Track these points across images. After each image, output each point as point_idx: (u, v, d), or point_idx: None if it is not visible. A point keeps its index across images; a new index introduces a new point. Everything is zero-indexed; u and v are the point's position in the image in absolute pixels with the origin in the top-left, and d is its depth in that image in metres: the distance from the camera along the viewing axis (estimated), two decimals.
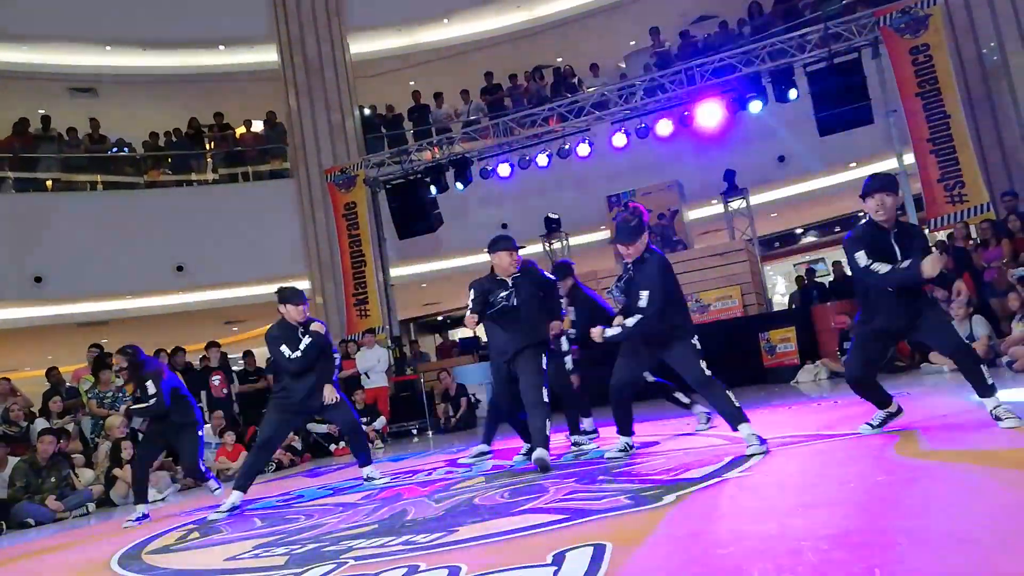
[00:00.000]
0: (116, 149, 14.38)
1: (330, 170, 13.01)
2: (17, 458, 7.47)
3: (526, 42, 15.81)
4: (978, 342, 7.28)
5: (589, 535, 2.81)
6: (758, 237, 12.21)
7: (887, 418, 4.26)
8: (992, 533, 2.21)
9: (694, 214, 13.39)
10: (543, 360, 5.00)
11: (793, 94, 10.32)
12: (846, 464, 3.59)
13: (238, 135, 14.90)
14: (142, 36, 14.33)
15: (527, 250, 14.40)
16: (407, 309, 15.75)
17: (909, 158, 9.93)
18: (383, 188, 12.65)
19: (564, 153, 11.69)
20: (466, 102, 14.13)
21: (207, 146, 14.78)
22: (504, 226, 14.03)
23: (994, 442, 3.49)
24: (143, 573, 3.66)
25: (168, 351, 9.75)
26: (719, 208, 13.11)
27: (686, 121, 10.94)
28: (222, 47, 15.04)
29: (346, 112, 14.06)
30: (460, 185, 12.03)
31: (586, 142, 11.52)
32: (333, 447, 9.65)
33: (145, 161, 14.36)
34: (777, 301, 15.90)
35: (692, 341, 4.46)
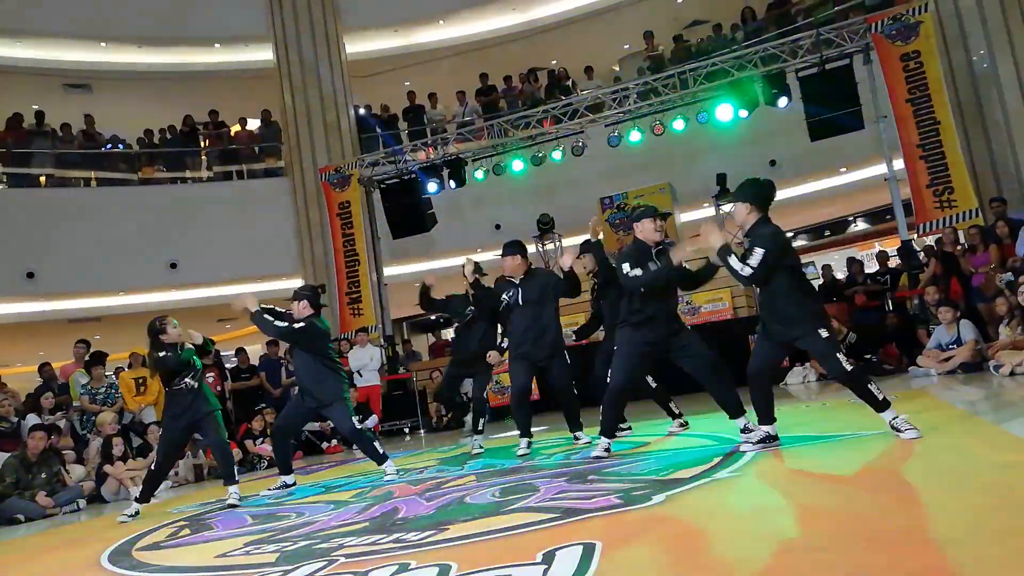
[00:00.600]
0: (110, 145, 14.34)
1: (324, 169, 13.03)
2: (7, 454, 7.46)
3: (521, 44, 15.85)
4: (965, 347, 7.36)
5: (579, 534, 2.84)
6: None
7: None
8: (977, 533, 2.24)
9: (686, 216, 13.44)
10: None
11: (783, 102, 10.39)
12: (836, 466, 3.64)
13: (233, 133, 14.88)
14: (137, 33, 14.31)
15: None
16: (400, 308, 15.73)
17: (899, 163, 10.01)
18: (377, 188, 12.67)
19: (558, 155, 11.73)
20: (461, 103, 14.16)
21: (202, 144, 14.76)
22: (497, 227, 14.07)
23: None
24: (133, 570, 3.66)
25: None
26: (711, 211, 13.17)
27: (677, 124, 11.02)
28: (218, 45, 15.02)
29: (341, 111, 14.07)
30: (453, 184, 12.08)
31: (580, 144, 11.56)
32: (325, 445, 9.68)
33: (139, 158, 14.32)
34: None
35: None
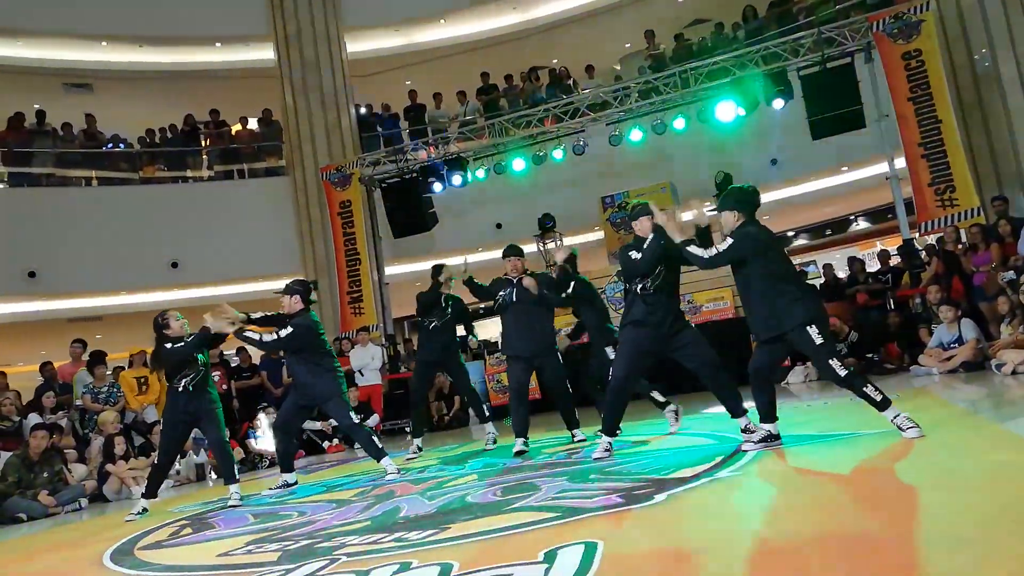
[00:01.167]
0: (111, 145, 14.35)
1: (326, 168, 13.03)
2: (9, 453, 7.47)
3: (522, 43, 15.84)
4: (967, 345, 7.36)
5: (581, 533, 2.84)
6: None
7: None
8: (979, 532, 2.25)
9: (686, 216, 13.42)
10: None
11: (779, 104, 10.39)
12: (837, 465, 3.63)
13: (234, 132, 14.88)
14: (138, 32, 14.30)
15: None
16: (401, 307, 15.73)
17: (900, 162, 10.00)
18: (378, 187, 12.67)
19: (559, 154, 11.74)
20: (462, 102, 14.16)
21: (203, 143, 14.76)
22: (499, 226, 14.07)
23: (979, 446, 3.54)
24: (135, 569, 3.66)
25: None
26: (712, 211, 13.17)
27: (678, 123, 11.02)
28: (219, 44, 15.02)
29: (342, 111, 14.07)
30: (459, 179, 12.08)
31: (581, 143, 11.56)
32: (326, 444, 9.68)
33: (140, 157, 14.32)
34: None
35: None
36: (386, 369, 11.51)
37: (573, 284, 5.87)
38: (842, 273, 11.37)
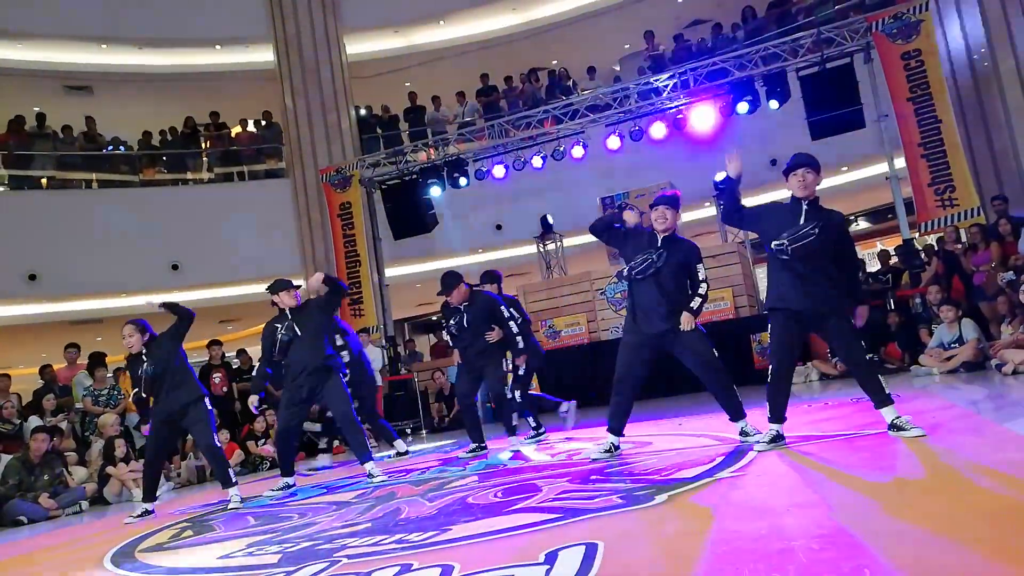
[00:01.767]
0: (111, 147, 14.37)
1: (325, 170, 13.04)
2: (10, 456, 7.47)
3: (521, 44, 15.84)
4: (967, 345, 7.36)
5: (581, 534, 2.83)
6: (750, 240, 12.25)
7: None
8: (981, 532, 2.25)
9: (687, 216, 13.43)
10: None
11: (774, 105, 10.39)
12: (838, 464, 3.63)
13: (234, 134, 14.90)
14: (138, 35, 14.31)
15: (522, 250, 14.53)
16: (402, 309, 15.76)
17: (900, 162, 10.01)
18: (378, 188, 12.68)
19: (558, 155, 11.73)
20: (462, 103, 14.17)
21: (203, 145, 14.78)
22: (499, 227, 14.08)
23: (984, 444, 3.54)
24: (136, 571, 3.67)
25: None
26: (712, 211, 13.17)
27: (680, 124, 11.01)
28: (218, 47, 15.02)
29: (342, 112, 14.08)
30: (464, 181, 12.09)
31: (580, 144, 11.56)
32: (326, 444, 9.66)
33: (140, 160, 14.34)
34: None
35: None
36: (386, 370, 11.51)
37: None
38: None
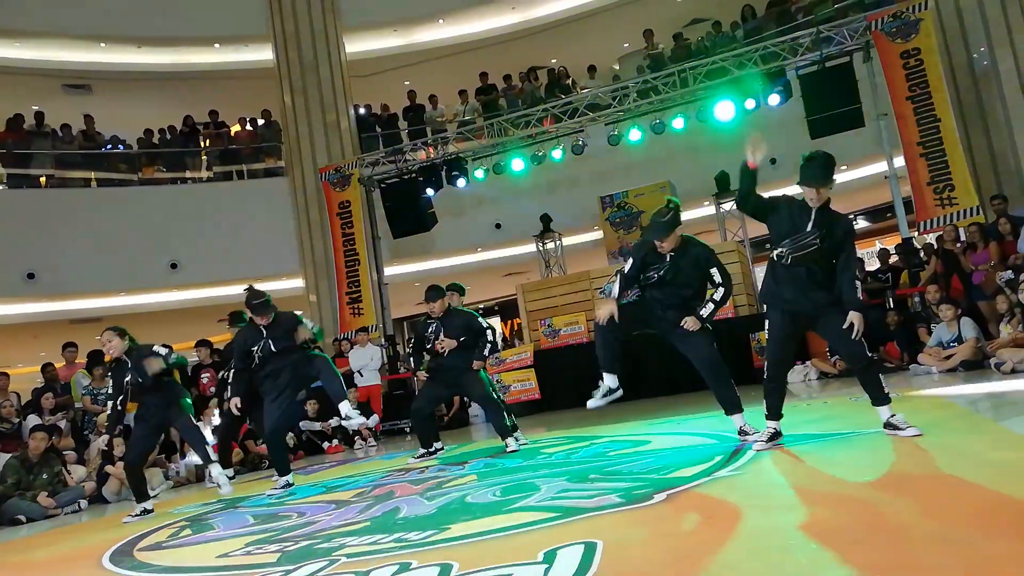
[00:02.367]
0: (110, 146, 14.35)
1: (325, 169, 13.03)
2: (9, 455, 7.47)
3: (521, 43, 15.84)
4: (966, 344, 7.36)
5: (580, 533, 2.83)
6: (749, 238, 12.26)
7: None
8: (978, 530, 2.25)
9: (686, 215, 13.36)
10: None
11: (774, 100, 10.39)
12: (837, 464, 3.63)
13: (233, 133, 14.89)
14: (137, 33, 14.31)
15: (521, 249, 14.54)
16: (401, 308, 15.75)
17: (899, 161, 10.00)
18: (377, 187, 12.67)
19: (559, 154, 11.76)
20: (461, 102, 14.16)
21: (202, 144, 14.77)
22: (498, 226, 14.08)
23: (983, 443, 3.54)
24: (135, 570, 3.66)
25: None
26: (711, 209, 13.18)
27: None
28: (217, 45, 15.02)
29: (341, 111, 14.08)
30: (463, 181, 12.09)
31: (580, 143, 11.57)
32: (326, 444, 9.67)
33: (139, 158, 14.33)
34: None
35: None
36: (385, 369, 11.51)
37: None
38: None
